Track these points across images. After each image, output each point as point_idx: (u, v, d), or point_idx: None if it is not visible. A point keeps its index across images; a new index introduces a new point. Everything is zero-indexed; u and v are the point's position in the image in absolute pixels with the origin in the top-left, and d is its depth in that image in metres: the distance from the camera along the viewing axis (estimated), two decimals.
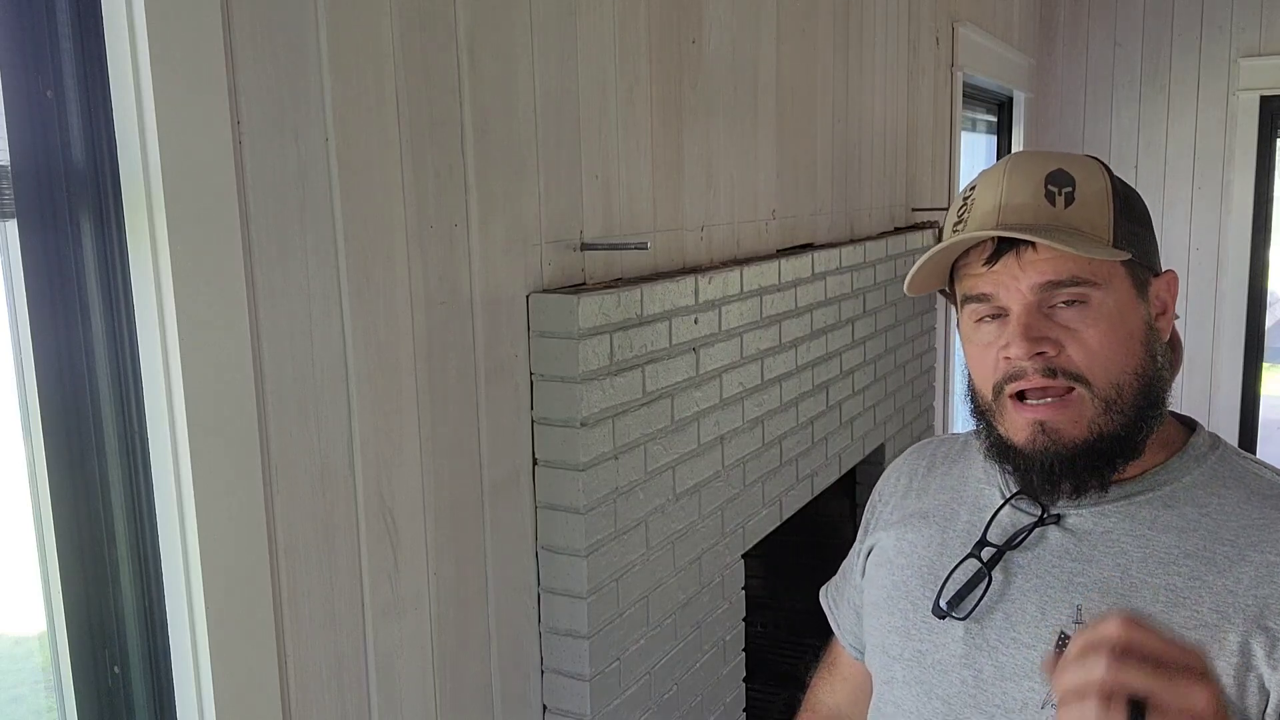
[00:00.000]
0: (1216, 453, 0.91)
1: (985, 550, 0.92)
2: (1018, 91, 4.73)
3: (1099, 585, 0.86)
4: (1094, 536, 0.88)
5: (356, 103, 1.27)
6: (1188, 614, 0.82)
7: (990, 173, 0.92)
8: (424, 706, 1.43)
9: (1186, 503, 0.87)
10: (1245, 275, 4.68)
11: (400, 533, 1.37)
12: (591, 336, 1.59)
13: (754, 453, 2.16)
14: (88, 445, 1.08)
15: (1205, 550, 0.84)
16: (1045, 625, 0.87)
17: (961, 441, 1.08)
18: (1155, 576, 0.84)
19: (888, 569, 1.02)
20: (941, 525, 0.99)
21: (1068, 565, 0.88)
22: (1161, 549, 0.85)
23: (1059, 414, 0.85)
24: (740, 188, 2.20)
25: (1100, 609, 0.84)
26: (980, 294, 0.88)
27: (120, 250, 1.07)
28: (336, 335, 1.26)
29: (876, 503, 1.12)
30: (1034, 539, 0.91)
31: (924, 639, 0.94)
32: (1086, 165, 0.90)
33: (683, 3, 1.95)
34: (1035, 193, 0.87)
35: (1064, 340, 0.85)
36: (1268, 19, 4.56)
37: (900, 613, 0.98)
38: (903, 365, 3.09)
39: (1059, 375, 0.85)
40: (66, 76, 1.03)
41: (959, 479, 1.03)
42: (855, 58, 2.80)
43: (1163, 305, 0.91)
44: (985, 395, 0.91)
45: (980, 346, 0.90)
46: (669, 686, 1.88)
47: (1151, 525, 0.87)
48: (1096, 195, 0.87)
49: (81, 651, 1.09)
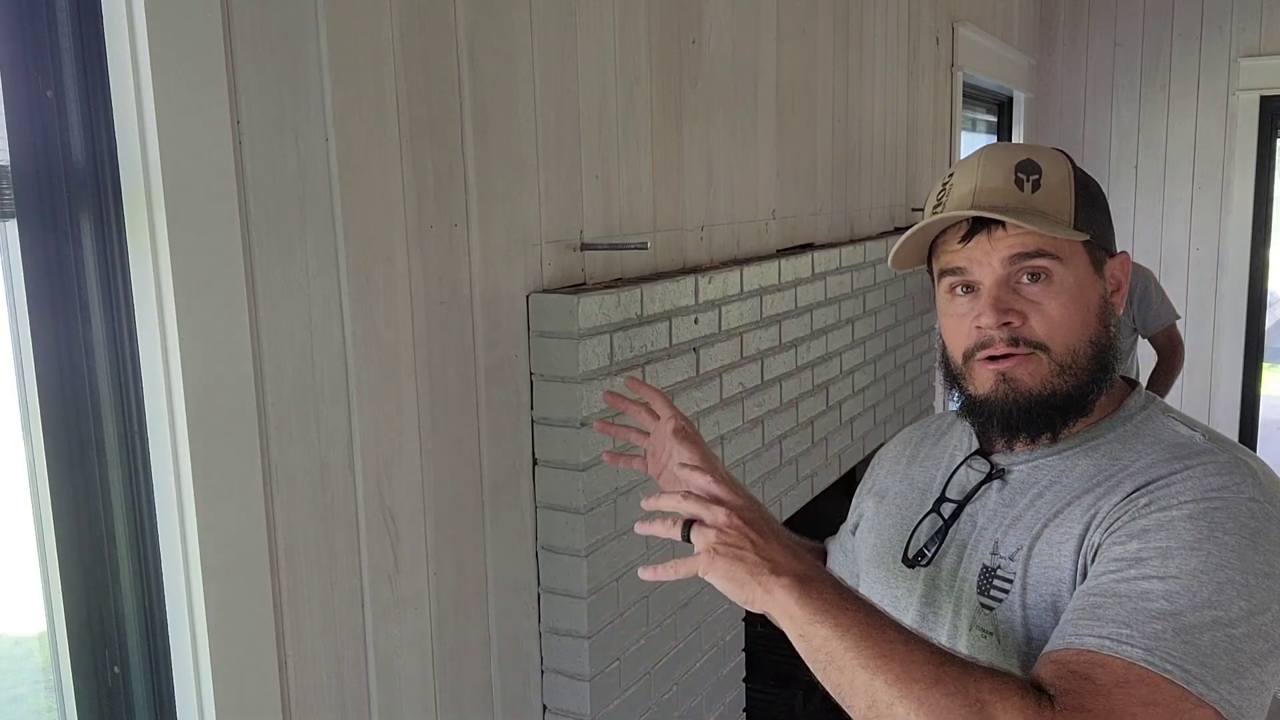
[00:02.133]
0: (1144, 413, 1.00)
1: (945, 506, 1.05)
2: (1018, 91, 4.73)
3: (1013, 523, 0.98)
4: (1023, 484, 1.00)
5: (356, 103, 1.27)
6: (1065, 529, 0.93)
7: (967, 161, 1.01)
8: (424, 706, 1.43)
9: (1105, 455, 0.97)
10: (1245, 275, 4.68)
11: (400, 533, 1.37)
12: (591, 336, 1.59)
13: (754, 453, 2.16)
14: (88, 445, 1.08)
15: (1102, 484, 0.94)
16: (974, 560, 1.00)
17: (951, 416, 1.18)
18: (1053, 507, 0.95)
19: (876, 530, 1.15)
20: (921, 488, 1.12)
21: (1002, 511, 1.01)
22: (1067, 489, 0.96)
23: (1019, 367, 0.96)
24: (740, 188, 2.20)
25: (1009, 540, 0.97)
26: (955, 268, 0.99)
27: (120, 250, 1.07)
28: (336, 335, 1.26)
29: (875, 468, 1.25)
30: (982, 493, 1.03)
31: (898, 585, 1.08)
32: (1052, 156, 1.00)
33: (683, 3, 1.95)
34: (1006, 179, 0.97)
35: (1028, 311, 0.95)
36: (1268, 19, 4.56)
37: (883, 565, 1.11)
38: (903, 365, 3.09)
39: (1021, 344, 0.95)
40: (66, 76, 1.03)
41: (942, 449, 1.15)
42: (855, 58, 2.80)
43: (1116, 283, 1.01)
44: (957, 361, 1.01)
45: (955, 317, 1.00)
46: (669, 686, 1.88)
47: (1068, 473, 0.98)
48: (1060, 183, 0.97)
49: (81, 651, 1.09)
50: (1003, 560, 0.97)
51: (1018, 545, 0.96)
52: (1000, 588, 0.96)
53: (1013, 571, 0.95)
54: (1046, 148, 1.02)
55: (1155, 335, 3.50)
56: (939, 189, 1.02)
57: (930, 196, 1.04)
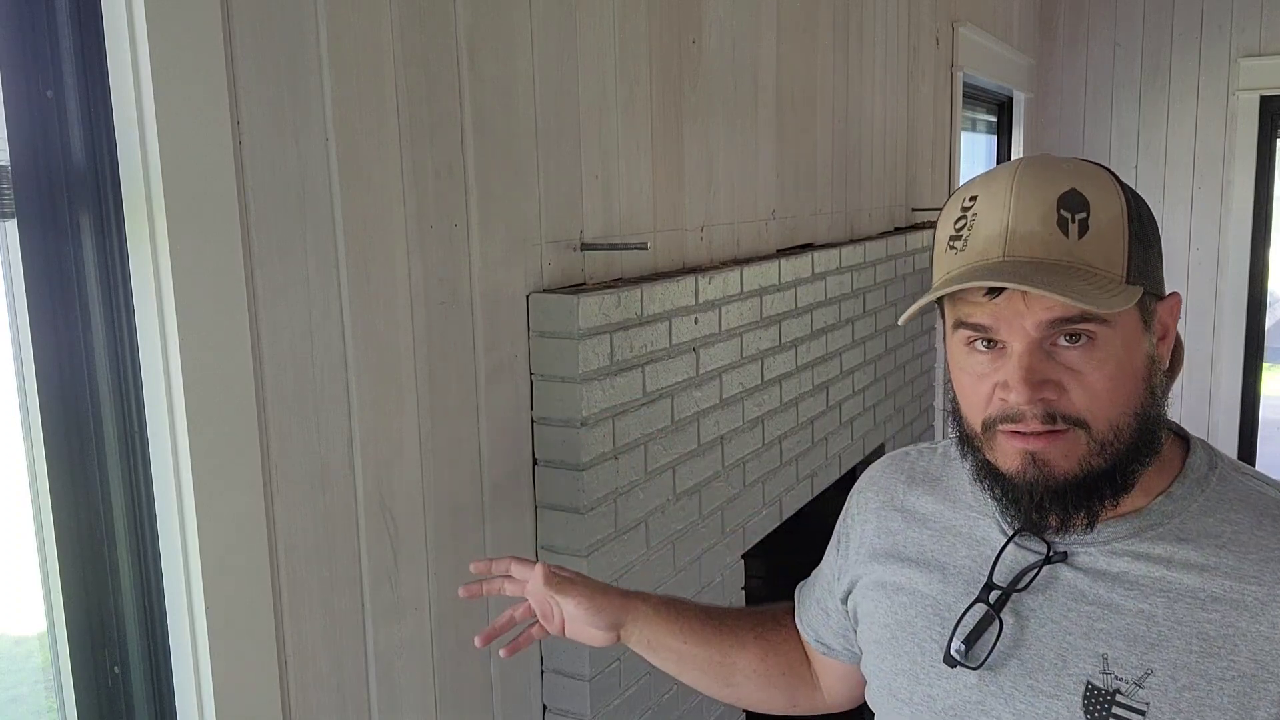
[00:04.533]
0: (1216, 472, 0.87)
1: (992, 593, 0.88)
2: (1018, 91, 4.73)
3: (1124, 633, 0.82)
4: (1109, 578, 0.85)
5: (356, 103, 1.27)
6: (1224, 664, 0.79)
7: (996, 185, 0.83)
8: (424, 706, 1.43)
9: (1199, 535, 0.83)
10: (1245, 275, 4.68)
11: (400, 533, 1.37)
12: (591, 336, 1.59)
13: (754, 453, 2.16)
14: (88, 445, 1.08)
15: (1233, 592, 0.80)
16: (1068, 674, 0.83)
17: (940, 457, 1.03)
18: (1184, 624, 0.81)
19: (888, 606, 0.98)
20: (941, 562, 0.95)
21: (1085, 609, 0.85)
22: (1186, 592, 0.82)
23: (1051, 447, 0.81)
24: (740, 188, 2.20)
25: (1128, 658, 0.82)
26: (977, 324, 0.82)
27: (120, 250, 1.07)
28: (336, 335, 1.26)
29: (855, 518, 1.08)
30: (1043, 580, 0.87)
31: (934, 683, 0.91)
32: (1100, 181, 0.82)
33: (683, 3, 1.95)
34: (1045, 217, 0.79)
35: (1066, 382, 0.80)
36: (1268, 19, 4.56)
37: (907, 655, 0.94)
38: (903, 365, 3.09)
39: (1058, 420, 0.80)
40: (66, 76, 1.03)
41: (947, 503, 0.98)
42: (855, 58, 2.80)
43: (1164, 329, 0.86)
44: (973, 426, 0.86)
45: (973, 376, 0.84)
46: (669, 686, 1.88)
47: (1169, 565, 0.83)
48: (1112, 223, 0.80)
49: (81, 651, 1.09)
50: (1124, 685, 0.81)
51: (1144, 668, 0.81)
52: (1126, 719, 0.81)
53: (1144, 701, 0.80)
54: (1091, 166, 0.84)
55: None
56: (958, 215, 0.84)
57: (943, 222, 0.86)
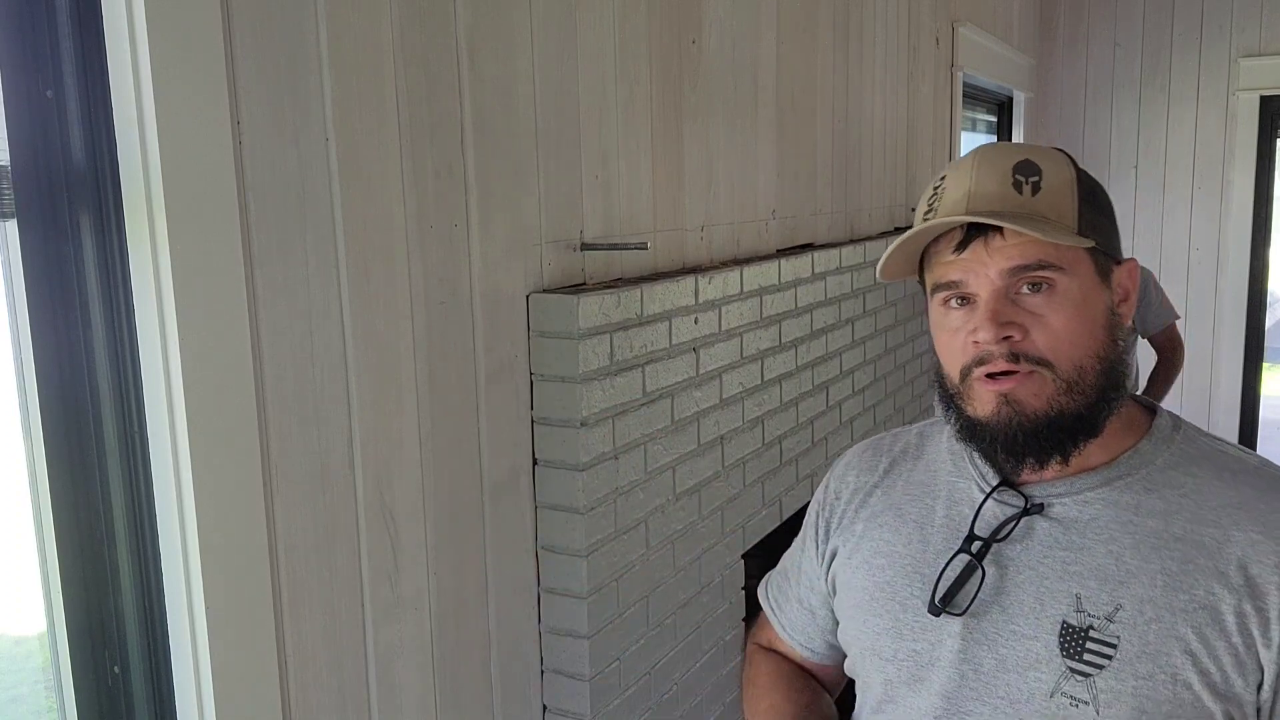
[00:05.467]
0: (1181, 433, 0.95)
1: (974, 544, 0.94)
2: (1018, 91, 4.73)
3: (1095, 573, 0.89)
4: (1081, 524, 0.91)
5: (356, 103, 1.27)
6: (1185, 597, 0.86)
7: (960, 164, 0.94)
8: (424, 706, 1.43)
9: (1164, 485, 0.91)
10: (1245, 275, 4.68)
11: (400, 533, 1.37)
12: (591, 336, 1.59)
13: (754, 453, 2.16)
14: (88, 445, 1.08)
15: (1192, 533, 0.88)
16: (1045, 616, 0.89)
17: (916, 436, 1.10)
18: (1150, 561, 0.88)
19: (865, 570, 1.03)
20: (919, 522, 1.01)
21: (1059, 554, 0.91)
22: (1151, 534, 0.89)
23: (1022, 387, 0.88)
24: (740, 188, 2.20)
25: (1099, 595, 0.88)
26: (950, 281, 0.91)
27: (120, 250, 1.07)
28: (336, 335, 1.26)
29: (832, 502, 1.11)
30: (1021, 530, 0.93)
31: (918, 637, 0.96)
32: (1053, 156, 0.92)
33: (683, 3, 1.95)
34: (1003, 181, 0.89)
35: (1029, 325, 0.88)
36: (1268, 19, 4.56)
37: (889, 614, 0.99)
38: (903, 365, 3.09)
39: (1023, 360, 0.88)
40: (66, 76, 1.03)
41: (927, 473, 1.04)
42: (855, 58, 2.80)
43: (1124, 292, 0.94)
44: (953, 379, 0.93)
45: (949, 332, 0.93)
46: (669, 686, 1.88)
47: (1136, 510, 0.90)
48: (1062, 185, 0.90)
49: (81, 651, 1.09)
50: (1096, 620, 0.87)
51: (1114, 604, 0.87)
52: (1099, 651, 0.86)
53: (1114, 635, 0.86)
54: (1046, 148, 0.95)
55: (1155, 335, 3.51)
56: (930, 194, 0.95)
57: (921, 202, 0.97)
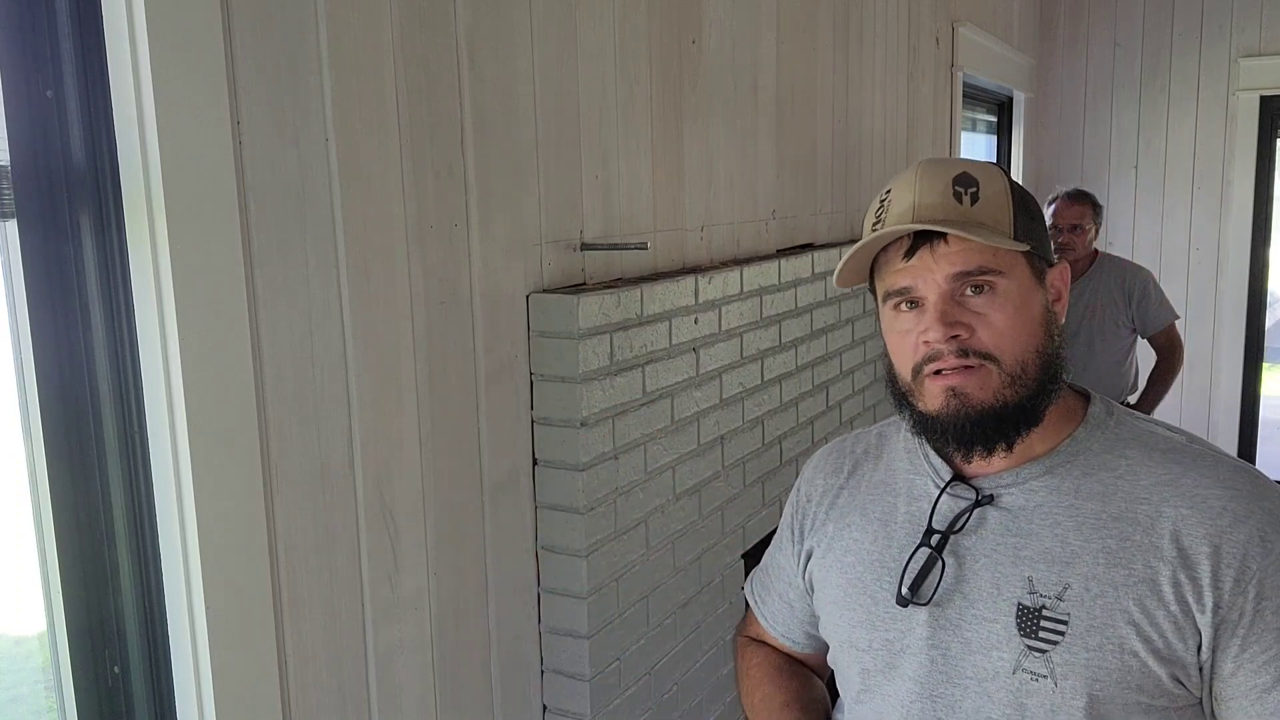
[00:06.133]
0: (1114, 418, 1.02)
1: (933, 537, 1.01)
2: (1018, 91, 4.73)
3: (1043, 556, 0.95)
4: (1028, 511, 0.98)
5: (356, 103, 1.27)
6: (1125, 572, 0.92)
7: (903, 177, 1.01)
8: (424, 706, 1.43)
9: (1101, 468, 0.98)
10: (1245, 275, 4.68)
11: (400, 533, 1.37)
12: (591, 336, 1.59)
13: (754, 452, 2.16)
14: (88, 445, 1.08)
15: (1128, 511, 0.94)
16: (1001, 599, 0.96)
17: (875, 437, 1.17)
18: (1091, 541, 0.94)
19: (838, 569, 1.09)
20: (883, 520, 1.07)
21: (1010, 541, 0.98)
22: (1091, 515, 0.96)
23: (968, 380, 0.95)
24: (740, 188, 2.20)
25: (1048, 576, 0.94)
26: (900, 287, 0.98)
27: (120, 250, 1.07)
28: (336, 335, 1.26)
29: (804, 505, 1.18)
30: (974, 521, 1.00)
31: (889, 627, 1.02)
32: (987, 170, 1.00)
33: (683, 3, 1.95)
34: (944, 193, 0.97)
35: (975, 324, 0.95)
36: (1268, 19, 4.56)
37: (861, 607, 1.05)
38: None
39: (971, 355, 0.95)
40: (66, 76, 1.03)
41: (887, 473, 1.11)
42: (855, 58, 2.80)
43: (1057, 292, 1.02)
44: (905, 378, 1.00)
45: (900, 334, 1.00)
46: (669, 686, 1.88)
47: (1077, 494, 0.97)
48: (997, 194, 0.97)
49: (81, 651, 1.09)
50: (1048, 600, 0.94)
51: (1062, 583, 0.93)
52: (1052, 629, 0.93)
53: (1065, 612, 0.93)
54: (981, 161, 1.03)
55: (1155, 335, 3.51)
56: (877, 206, 1.01)
57: (868, 214, 1.03)
